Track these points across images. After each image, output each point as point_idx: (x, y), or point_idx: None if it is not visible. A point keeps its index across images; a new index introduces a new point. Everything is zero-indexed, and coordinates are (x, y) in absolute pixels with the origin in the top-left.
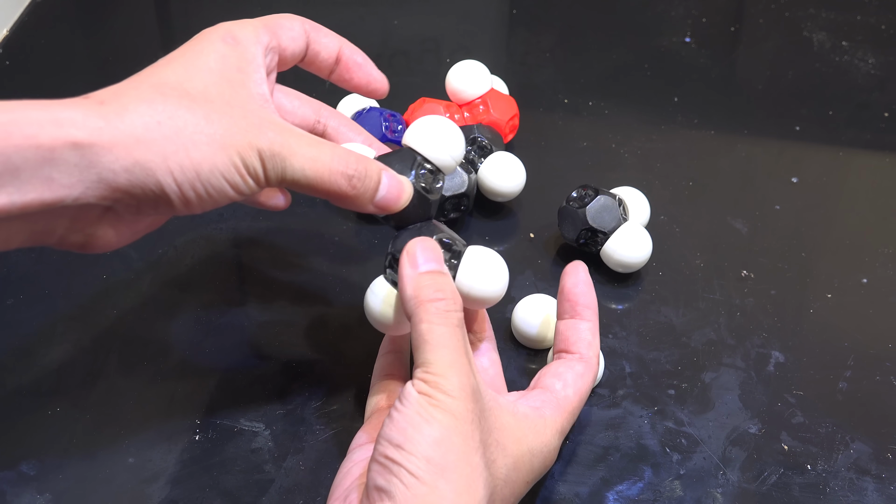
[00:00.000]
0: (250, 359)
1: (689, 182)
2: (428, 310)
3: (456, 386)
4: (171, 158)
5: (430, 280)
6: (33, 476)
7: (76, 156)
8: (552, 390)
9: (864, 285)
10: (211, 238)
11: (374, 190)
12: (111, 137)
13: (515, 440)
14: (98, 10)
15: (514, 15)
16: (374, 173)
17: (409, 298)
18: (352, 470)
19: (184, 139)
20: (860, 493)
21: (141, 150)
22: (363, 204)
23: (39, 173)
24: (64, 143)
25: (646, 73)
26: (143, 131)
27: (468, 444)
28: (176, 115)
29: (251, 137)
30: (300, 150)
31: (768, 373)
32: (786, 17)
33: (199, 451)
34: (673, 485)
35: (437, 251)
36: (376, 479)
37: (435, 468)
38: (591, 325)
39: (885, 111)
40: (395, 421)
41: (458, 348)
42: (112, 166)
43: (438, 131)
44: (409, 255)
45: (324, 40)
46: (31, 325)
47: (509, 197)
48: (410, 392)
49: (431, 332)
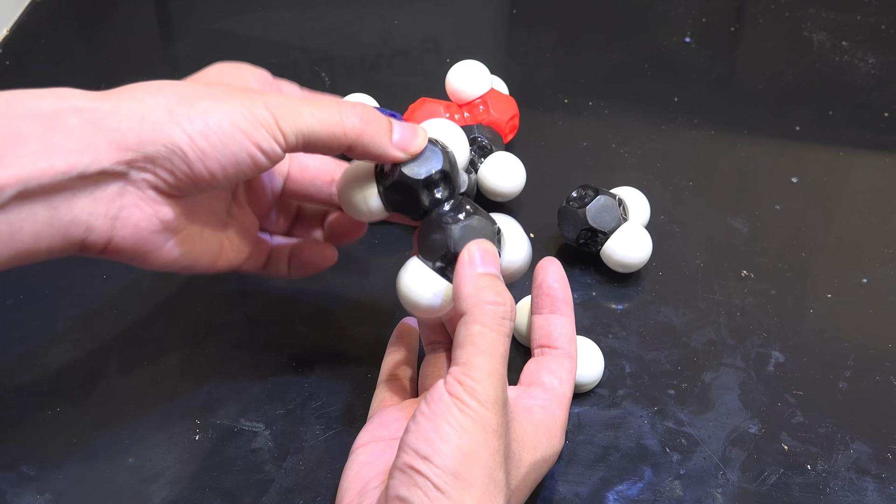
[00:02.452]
0: (250, 359)
1: (689, 182)
2: (485, 312)
3: (491, 396)
4: (176, 111)
5: (490, 282)
6: (33, 476)
7: (80, 120)
8: (552, 388)
9: (864, 285)
10: None
11: (388, 130)
12: (113, 104)
13: (531, 449)
14: (98, 10)
15: (514, 15)
16: (382, 117)
17: (465, 296)
18: (360, 473)
19: (187, 96)
20: (860, 493)
21: (146, 108)
22: (383, 145)
23: (47, 140)
24: (67, 111)
25: (646, 73)
26: (143, 96)
27: (494, 460)
28: (174, 85)
29: (254, 95)
30: (306, 108)
31: (768, 373)
32: (786, 17)
33: (199, 451)
34: (673, 485)
35: (496, 256)
36: (399, 488)
37: (461, 483)
38: (569, 319)
39: (885, 111)
40: (421, 427)
41: (502, 357)
42: (119, 126)
43: (447, 133)
44: (471, 254)
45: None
46: (31, 325)
47: (509, 197)
48: (441, 394)
49: (483, 336)
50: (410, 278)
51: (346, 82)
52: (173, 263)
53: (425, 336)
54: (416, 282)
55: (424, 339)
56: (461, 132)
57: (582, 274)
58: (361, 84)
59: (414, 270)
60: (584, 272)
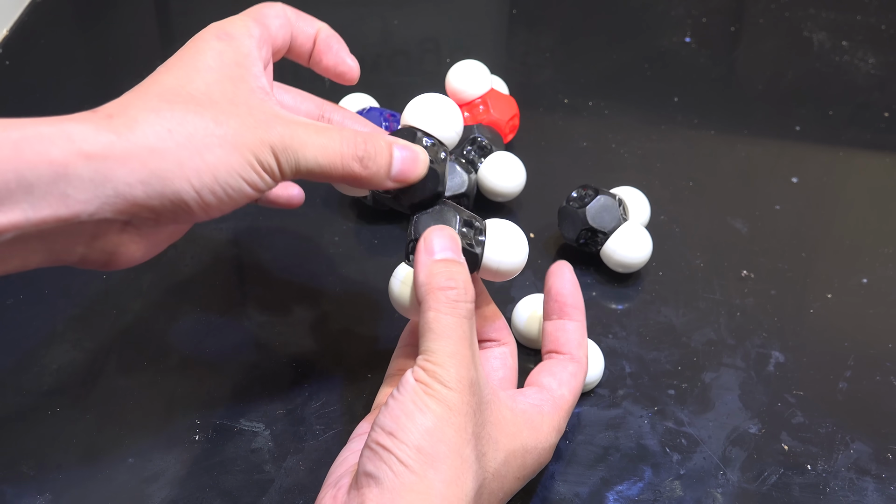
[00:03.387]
0: (250, 359)
1: (689, 182)
2: (437, 298)
3: (454, 377)
4: (187, 165)
5: (443, 268)
6: (33, 476)
7: (90, 170)
8: (548, 388)
9: (864, 285)
10: (211, 238)
11: (388, 166)
12: (124, 150)
13: (510, 435)
14: (98, 10)
15: (514, 15)
16: (384, 149)
17: (420, 284)
18: (347, 458)
19: (196, 144)
20: (860, 493)
21: (156, 161)
22: (380, 181)
23: (54, 189)
24: (77, 158)
25: (646, 73)
26: (155, 141)
27: (460, 436)
28: (185, 121)
29: (261, 134)
30: (310, 140)
31: (768, 373)
32: (786, 17)
33: (199, 451)
34: (673, 485)
35: (455, 240)
36: (366, 464)
37: (425, 458)
38: (580, 325)
39: (885, 111)
40: (389, 408)
41: (461, 339)
42: (127, 179)
43: (435, 107)
44: (426, 242)
45: (302, 25)
46: (31, 325)
47: (509, 197)
48: (408, 380)
49: (438, 321)
50: (394, 278)
51: None
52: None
53: None
54: (399, 283)
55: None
56: (452, 103)
57: (582, 274)
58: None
59: (398, 273)
60: (584, 272)
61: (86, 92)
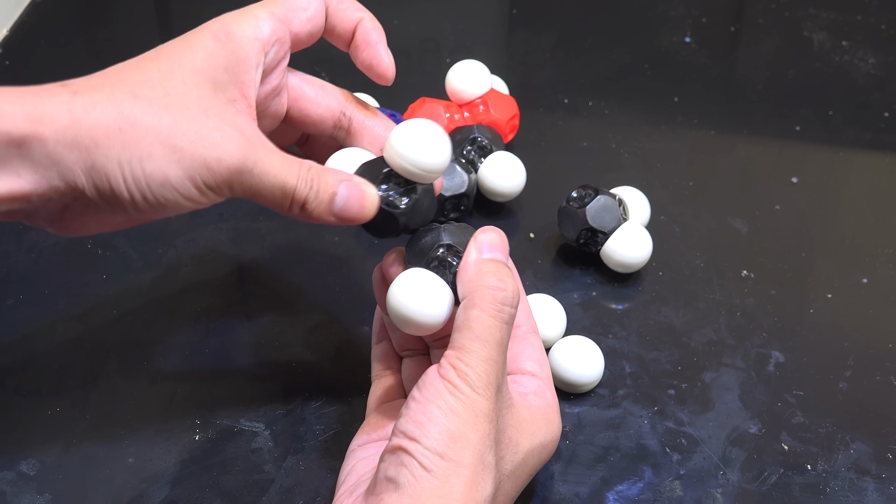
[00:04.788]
0: (250, 359)
1: (689, 182)
2: (485, 296)
3: (483, 382)
4: (126, 168)
5: (494, 267)
6: (33, 476)
7: (42, 153)
8: (535, 373)
9: (864, 285)
10: (211, 238)
11: (329, 203)
12: (74, 137)
13: (530, 435)
14: (98, 10)
15: (514, 15)
16: (331, 186)
17: (467, 280)
18: (356, 467)
19: (140, 150)
20: (860, 493)
21: (99, 155)
22: (321, 216)
23: (10, 166)
24: (33, 139)
25: (646, 73)
26: (103, 135)
27: (484, 443)
28: (140, 123)
29: (216, 152)
30: (259, 166)
31: (768, 373)
32: (786, 17)
33: (199, 451)
34: (673, 485)
35: (505, 243)
36: (388, 469)
37: (448, 464)
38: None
39: (885, 111)
40: (411, 411)
41: (499, 344)
42: (73, 166)
43: (422, 137)
44: (477, 242)
45: (343, 13)
46: (31, 325)
47: (509, 197)
48: (433, 378)
49: (479, 321)
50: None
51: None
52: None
53: (400, 344)
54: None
55: (399, 346)
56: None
57: (582, 274)
58: (361, 84)
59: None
60: (584, 272)
61: None
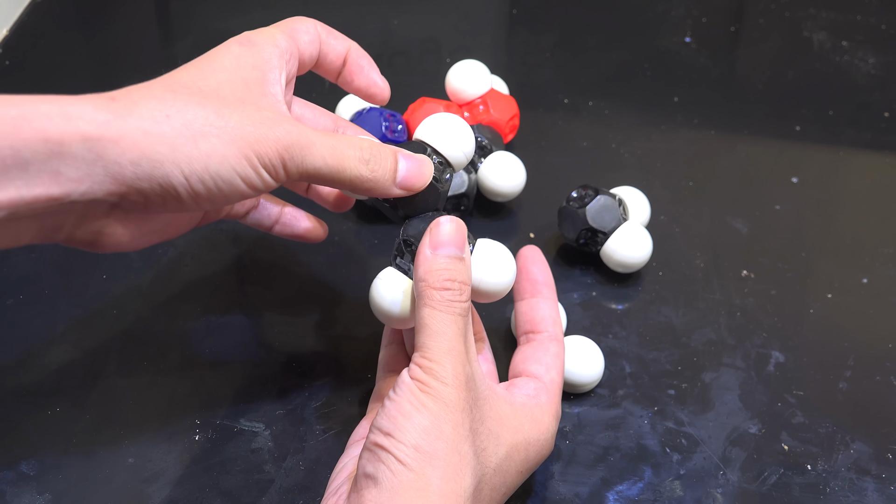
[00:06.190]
0: (250, 359)
1: (689, 182)
2: (433, 296)
3: (450, 373)
4: (180, 150)
5: (444, 264)
6: (33, 476)
7: (84, 149)
8: (538, 376)
9: (864, 285)
10: (211, 238)
11: (393, 171)
12: (118, 130)
13: (511, 429)
14: (98, 10)
15: (514, 15)
16: (390, 155)
17: (419, 279)
18: (347, 465)
19: (192, 131)
20: (860, 493)
21: (148, 142)
22: (386, 186)
23: (48, 167)
24: (73, 137)
25: (646, 73)
26: (150, 124)
27: (458, 433)
28: (185, 110)
29: (265, 130)
30: (318, 140)
31: (768, 373)
32: (786, 17)
33: (199, 451)
34: (673, 485)
35: (462, 233)
36: (365, 466)
37: (423, 456)
38: (553, 302)
39: (885, 111)
40: (386, 409)
41: (456, 336)
42: (118, 159)
43: (451, 128)
44: (432, 234)
45: (333, 43)
46: (31, 325)
47: (509, 197)
48: (404, 379)
49: (433, 318)
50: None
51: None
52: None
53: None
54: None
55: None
56: (467, 126)
57: (582, 274)
58: None
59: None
60: (584, 272)
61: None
